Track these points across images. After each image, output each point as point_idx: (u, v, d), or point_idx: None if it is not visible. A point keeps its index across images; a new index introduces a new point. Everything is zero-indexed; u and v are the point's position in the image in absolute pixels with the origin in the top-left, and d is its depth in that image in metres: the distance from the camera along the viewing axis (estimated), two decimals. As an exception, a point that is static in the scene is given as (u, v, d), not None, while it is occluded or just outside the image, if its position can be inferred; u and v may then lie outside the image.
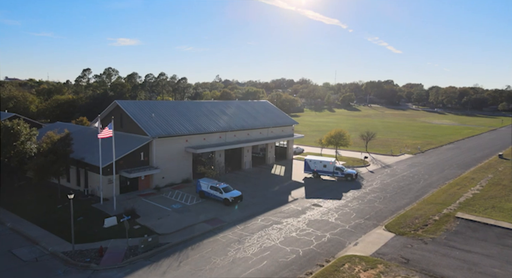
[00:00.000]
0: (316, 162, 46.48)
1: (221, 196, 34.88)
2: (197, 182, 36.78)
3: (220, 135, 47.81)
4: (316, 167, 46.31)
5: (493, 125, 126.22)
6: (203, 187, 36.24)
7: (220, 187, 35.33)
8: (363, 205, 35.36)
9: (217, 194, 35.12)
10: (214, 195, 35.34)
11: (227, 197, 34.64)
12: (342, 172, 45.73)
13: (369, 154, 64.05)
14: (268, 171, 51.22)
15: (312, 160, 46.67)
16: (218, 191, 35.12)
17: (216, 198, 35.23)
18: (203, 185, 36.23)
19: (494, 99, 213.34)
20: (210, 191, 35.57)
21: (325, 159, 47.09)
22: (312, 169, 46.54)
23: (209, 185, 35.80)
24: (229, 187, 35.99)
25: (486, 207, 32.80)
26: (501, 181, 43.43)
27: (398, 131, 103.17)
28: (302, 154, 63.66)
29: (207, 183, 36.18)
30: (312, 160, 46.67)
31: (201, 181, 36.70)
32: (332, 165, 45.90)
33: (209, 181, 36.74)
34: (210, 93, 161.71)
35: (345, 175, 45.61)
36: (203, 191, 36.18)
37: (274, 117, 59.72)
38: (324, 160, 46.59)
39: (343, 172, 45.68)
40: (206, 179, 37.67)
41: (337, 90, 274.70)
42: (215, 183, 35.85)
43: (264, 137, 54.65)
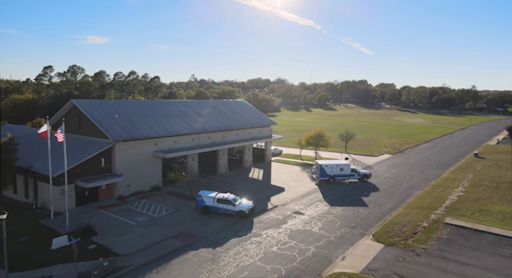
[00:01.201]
0: (332, 166, 43.34)
1: (233, 209, 30.37)
2: (197, 197, 31.33)
3: (193, 138, 44.09)
4: (333, 171, 43.35)
5: (463, 124, 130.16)
6: (207, 202, 30.74)
7: (229, 198, 30.87)
8: (347, 211, 33.05)
9: (228, 207, 30.44)
10: (223, 209, 30.50)
11: (242, 210, 30.33)
12: (358, 174, 43.96)
13: (349, 155, 62.53)
14: (246, 175, 48.09)
15: (328, 165, 43.27)
16: (228, 203, 30.51)
17: (227, 211, 30.56)
18: (206, 199, 30.81)
19: (461, 98, 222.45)
20: (218, 205, 30.54)
21: (340, 162, 44.83)
22: (329, 174, 43.30)
23: (214, 198, 30.78)
24: (236, 197, 31.76)
25: (473, 210, 31.45)
26: (482, 181, 42.82)
27: (375, 130, 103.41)
28: (279, 156, 61.06)
29: (210, 196, 31.03)
30: (328, 165, 43.27)
31: (202, 195, 31.24)
32: (349, 168, 43.68)
33: (210, 192, 31.85)
34: (185, 93, 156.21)
35: (361, 176, 43.98)
36: (208, 206, 30.72)
37: (251, 118, 56.68)
38: (341, 163, 44.11)
39: (359, 173, 43.97)
40: (205, 191, 32.34)
41: (313, 90, 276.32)
42: (221, 195, 31.18)
43: (241, 139, 51.45)
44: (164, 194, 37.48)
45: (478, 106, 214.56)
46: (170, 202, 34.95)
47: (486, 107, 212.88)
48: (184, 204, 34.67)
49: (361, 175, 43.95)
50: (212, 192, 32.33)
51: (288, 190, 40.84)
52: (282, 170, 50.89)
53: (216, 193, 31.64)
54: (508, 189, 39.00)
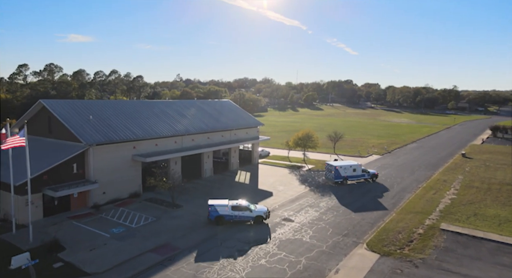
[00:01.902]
0: (346, 167, 42.80)
1: (251, 215, 29.04)
2: (210, 207, 28.86)
3: (175, 140, 41.59)
4: (346, 172, 42.91)
5: (447, 123, 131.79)
6: (221, 211, 28.64)
7: (245, 204, 29.39)
8: (339, 218, 31.39)
9: (245, 213, 28.91)
10: (239, 217, 28.90)
11: (260, 214, 29.10)
12: (368, 173, 44.04)
13: (338, 156, 61.24)
14: (232, 179, 45.92)
15: (342, 166, 42.65)
16: (245, 210, 28.98)
17: (243, 219, 29.04)
18: (220, 208, 28.70)
19: (444, 98, 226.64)
20: (234, 213, 28.78)
21: (352, 163, 44.15)
22: (343, 175, 42.67)
23: (228, 206, 28.84)
24: (248, 203, 30.44)
25: (468, 215, 30.35)
26: (472, 182, 42.11)
27: (362, 130, 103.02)
28: (266, 158, 59.13)
29: (223, 204, 29.06)
30: (342, 166, 42.65)
31: (215, 204, 28.96)
32: (360, 168, 43.52)
33: (220, 200, 29.93)
34: (170, 93, 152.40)
35: (371, 175, 44.07)
36: (222, 215, 28.74)
37: (237, 119, 54.52)
38: (353, 164, 43.54)
39: (369, 173, 44.07)
40: (215, 200, 30.16)
41: (299, 89, 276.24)
42: (234, 202, 29.46)
43: (226, 141, 49.23)
44: (144, 201, 34.89)
45: (460, 106, 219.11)
46: (150, 210, 32.45)
47: (468, 107, 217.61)
48: (165, 212, 32.24)
49: (371, 175, 44.05)
50: (221, 199, 30.57)
51: (276, 194, 38.95)
52: (269, 173, 48.99)
53: (228, 201, 29.90)
54: (499, 190, 38.32)
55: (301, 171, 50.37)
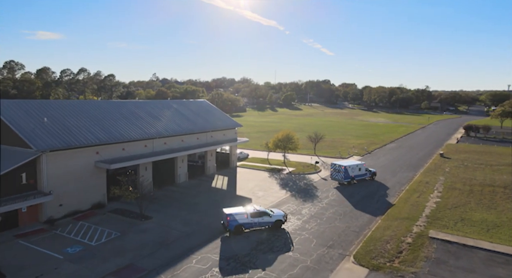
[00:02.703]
0: (353, 167, 42.83)
1: (270, 220, 27.94)
2: (229, 217, 26.74)
3: (145, 144, 38.12)
4: (353, 172, 42.96)
5: (422, 123, 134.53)
6: (240, 220, 26.85)
7: (262, 209, 28.22)
8: (322, 226, 29.28)
9: (265, 219, 27.72)
10: (259, 223, 27.64)
11: (279, 218, 28.26)
12: (370, 172, 44.98)
13: (318, 157, 59.61)
14: (208, 184, 42.95)
15: (350, 166, 42.50)
16: (264, 215, 27.78)
17: (263, 225, 27.88)
18: (239, 217, 26.86)
19: (417, 98, 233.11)
20: (254, 220, 27.39)
21: (358, 162, 44.64)
22: (351, 175, 42.51)
23: (247, 213, 27.23)
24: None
25: (455, 220, 29.13)
26: (454, 184, 41.47)
27: (341, 130, 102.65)
28: (245, 160, 56.52)
29: (240, 212, 27.23)
30: (350, 166, 42.50)
31: (233, 213, 26.97)
32: (364, 167, 44.23)
33: (237, 209, 28.09)
34: (144, 93, 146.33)
35: (371, 174, 44.96)
36: (242, 224, 26.98)
37: (214, 120, 51.53)
38: (358, 163, 44.07)
39: (370, 172, 45.03)
40: (230, 208, 28.15)
41: (278, 89, 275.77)
42: (251, 208, 28.10)
43: (202, 143, 46.15)
44: (108, 213, 31.28)
45: (433, 106, 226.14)
46: (115, 223, 28.98)
47: (440, 106, 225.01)
48: (132, 225, 28.88)
49: (372, 173, 44.91)
50: (236, 207, 28.90)
51: (255, 201, 36.42)
52: (248, 177, 46.42)
53: (243, 207, 28.59)
54: (481, 192, 37.75)
55: (281, 174, 48.17)
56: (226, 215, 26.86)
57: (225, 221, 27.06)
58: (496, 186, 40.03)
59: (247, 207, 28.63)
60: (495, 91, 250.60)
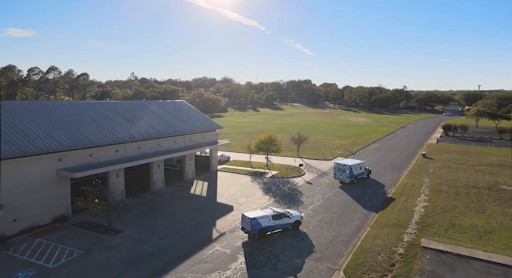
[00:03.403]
0: (356, 166, 43.39)
1: (290, 222, 28.02)
2: (253, 221, 26.00)
3: (117, 149, 35.04)
4: (357, 171, 43.61)
5: (402, 122, 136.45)
6: (263, 223, 26.49)
7: (282, 211, 28.08)
8: (309, 236, 27.37)
9: (285, 221, 27.76)
10: (280, 225, 27.51)
11: (298, 219, 28.52)
12: (367, 170, 45.96)
13: (302, 159, 58.06)
14: (187, 190, 40.26)
15: (354, 165, 42.92)
16: (284, 216, 27.77)
17: (283, 227, 27.75)
18: (262, 220, 26.42)
19: (396, 98, 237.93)
20: (275, 223, 27.23)
21: (359, 161, 45.04)
22: (355, 174, 43.03)
23: (269, 216, 26.89)
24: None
25: (445, 226, 28.00)
26: (440, 186, 40.78)
27: (323, 131, 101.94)
28: (226, 164, 54.09)
29: (263, 215, 26.72)
30: (354, 165, 42.92)
31: (256, 217, 26.28)
32: (364, 165, 45.18)
33: (258, 212, 27.68)
34: (121, 92, 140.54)
35: (368, 172, 46.04)
36: (265, 227, 26.66)
37: (193, 122, 48.79)
38: (360, 162, 44.69)
39: (367, 170, 46.06)
40: (250, 212, 27.62)
41: (259, 89, 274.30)
42: (270, 211, 27.76)
43: (180, 147, 43.37)
44: (72, 227, 28.11)
45: (411, 105, 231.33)
46: (79, 240, 25.92)
47: (417, 106, 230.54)
48: (98, 240, 25.90)
49: (368, 171, 46.06)
50: (255, 210, 28.94)
51: (237, 208, 34.17)
52: (230, 181, 44.08)
53: (262, 210, 28.29)
54: (467, 194, 37.14)
55: (264, 178, 46.11)
56: (249, 219, 26.10)
57: (247, 226, 26.44)
58: (480, 188, 39.62)
59: (266, 210, 28.33)
60: (468, 91, 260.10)
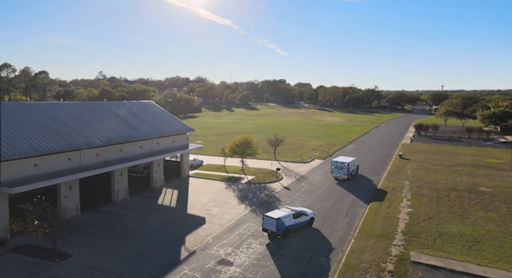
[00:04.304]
0: (350, 163, 44.59)
1: (306, 219, 28.85)
2: (278, 221, 26.00)
3: (69, 157, 30.60)
4: (352, 168, 44.90)
5: (375, 122, 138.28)
6: (287, 223, 26.80)
7: (300, 209, 28.82)
8: (290, 250, 24.67)
9: (303, 218, 28.47)
10: (300, 223, 28.16)
11: (312, 216, 29.43)
12: (357, 167, 47.48)
13: (279, 162, 55.58)
14: (154, 201, 36.36)
15: (350, 162, 44.13)
16: (303, 214, 28.46)
17: (301, 224, 28.36)
18: (286, 219, 26.69)
19: (368, 97, 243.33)
20: (296, 221, 27.73)
21: (352, 159, 46.30)
22: (350, 171, 44.14)
23: (291, 215, 27.25)
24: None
25: (433, 235, 26.35)
26: (420, 189, 39.69)
27: (299, 131, 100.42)
28: (199, 169, 50.48)
29: (285, 215, 26.86)
30: (350, 162, 44.13)
31: (280, 217, 26.28)
32: (356, 162, 47.19)
33: (279, 212, 27.65)
34: (86, 92, 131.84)
35: (357, 168, 47.57)
36: (288, 226, 26.92)
37: (161, 124, 44.76)
38: (353, 160, 46.12)
39: (357, 166, 47.54)
40: (271, 212, 27.64)
41: (234, 89, 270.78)
42: (288, 211, 27.90)
43: (146, 153, 39.34)
44: (9, 253, 23.62)
45: (382, 105, 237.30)
46: (16, 269, 21.60)
47: (388, 105, 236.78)
48: (41, 269, 21.70)
49: (357, 167, 47.58)
50: (275, 210, 28.50)
51: (210, 220, 30.92)
52: (202, 189, 40.64)
53: (279, 210, 28.31)
54: (449, 198, 36.15)
55: (240, 184, 43.09)
56: (275, 220, 26.07)
57: (271, 227, 26.34)
58: (460, 190, 38.91)
59: (283, 209, 28.63)
60: (433, 91, 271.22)
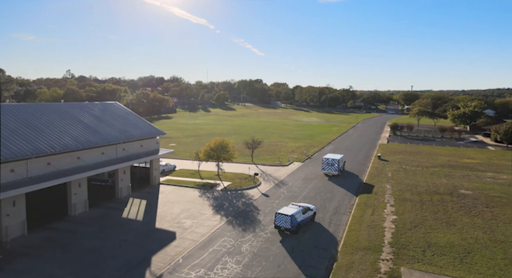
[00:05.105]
0: (340, 160, 47.04)
1: (311, 213, 30.01)
2: (292, 217, 26.91)
3: (12, 168, 26.35)
4: (341, 164, 46.93)
5: (352, 122, 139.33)
6: (298, 218, 27.88)
7: (305, 205, 30.32)
8: (269, 270, 22.07)
9: (309, 213, 29.67)
10: (306, 218, 29.21)
11: (314, 210, 30.85)
12: (344, 163, 50.13)
13: (257, 166, 53.04)
14: (118, 214, 32.58)
15: (339, 159, 46.32)
16: (309, 210, 29.70)
17: (307, 219, 29.44)
18: (298, 216, 27.74)
19: (343, 97, 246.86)
20: (305, 216, 28.92)
21: (341, 156, 48.70)
22: (339, 167, 46.06)
23: (300, 211, 28.26)
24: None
25: (421, 247, 24.72)
26: (402, 193, 38.49)
27: (277, 132, 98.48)
28: (171, 174, 46.88)
29: (296, 211, 27.71)
30: (339, 159, 46.32)
31: (294, 214, 27.12)
32: (343, 159, 50.04)
33: (290, 209, 28.21)
34: (49, 92, 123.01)
35: (344, 163, 50.22)
36: (300, 222, 27.99)
37: (128, 128, 40.84)
38: (341, 156, 48.38)
39: (344, 163, 50.64)
40: (282, 209, 28.29)
41: (210, 89, 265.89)
42: (295, 208, 28.56)
43: (109, 160, 35.43)
44: None
45: (357, 105, 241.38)
46: None
47: (363, 105, 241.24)
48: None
49: (344, 163, 50.64)
50: (284, 207, 28.83)
51: (181, 235, 27.76)
52: (174, 198, 37.28)
53: (286, 207, 28.85)
54: (432, 202, 35.08)
55: (215, 191, 40.10)
56: (289, 217, 26.78)
57: (285, 224, 27.05)
58: (442, 194, 38.07)
59: (291, 205, 29.58)
60: (404, 91, 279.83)
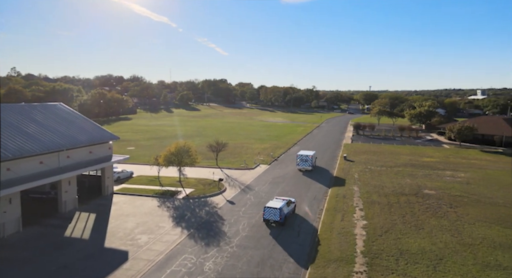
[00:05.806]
0: (313, 156, 49.17)
1: (293, 206, 31.30)
2: (280, 211, 27.92)
3: None
4: (313, 160, 49.03)
5: (316, 122, 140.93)
6: (285, 211, 28.73)
7: (288, 198, 31.70)
8: (235, 295, 19.68)
9: (291, 206, 30.85)
10: (290, 210, 30.31)
11: (295, 203, 32.64)
12: (315, 159, 52.87)
13: (222, 170, 50.32)
14: (60, 233, 28.27)
15: (312, 155, 48.57)
16: (291, 202, 31.01)
17: (291, 211, 30.86)
18: (285, 208, 28.78)
19: (307, 97, 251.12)
20: (289, 208, 29.96)
21: (312, 152, 50.99)
22: (312, 163, 48.24)
23: (285, 204, 29.25)
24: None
25: (394, 255, 23.71)
26: (370, 195, 37.96)
27: (242, 133, 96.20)
28: (128, 182, 42.66)
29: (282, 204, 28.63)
30: (312, 155, 48.57)
31: (281, 207, 28.10)
32: (315, 155, 52.25)
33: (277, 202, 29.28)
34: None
35: (315, 160, 52.44)
36: (286, 214, 28.88)
37: (74, 132, 36.19)
38: (314, 153, 50.90)
39: (316, 158, 52.90)
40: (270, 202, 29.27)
41: (173, 88, 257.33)
42: (280, 201, 29.53)
43: (49, 170, 30.84)
44: None
45: (321, 104, 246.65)
46: None
47: (326, 105, 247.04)
48: None
49: (316, 159, 53.22)
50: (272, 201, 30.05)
51: (134, 255, 24.43)
52: (129, 210, 33.50)
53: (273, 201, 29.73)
54: (399, 205, 34.79)
55: (176, 200, 36.85)
56: (278, 210, 27.86)
57: (274, 216, 28.06)
58: (408, 194, 38.11)
59: (275, 200, 30.40)
60: (364, 91, 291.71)
